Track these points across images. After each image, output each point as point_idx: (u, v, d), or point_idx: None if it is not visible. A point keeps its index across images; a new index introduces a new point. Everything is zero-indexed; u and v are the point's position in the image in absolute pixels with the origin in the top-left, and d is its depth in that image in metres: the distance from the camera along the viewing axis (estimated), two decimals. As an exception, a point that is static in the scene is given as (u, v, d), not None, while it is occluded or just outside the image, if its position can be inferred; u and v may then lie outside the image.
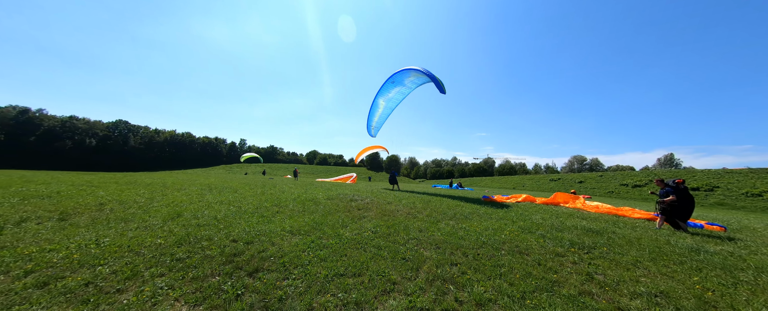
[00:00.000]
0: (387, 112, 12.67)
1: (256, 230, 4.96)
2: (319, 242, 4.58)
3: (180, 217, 5.59)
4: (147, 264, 3.44)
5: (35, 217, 5.00)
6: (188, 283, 3.07)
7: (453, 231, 5.56)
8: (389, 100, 12.20)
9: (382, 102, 12.36)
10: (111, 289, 2.87)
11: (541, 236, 5.52)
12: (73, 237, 4.16)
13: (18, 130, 64.56)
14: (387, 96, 12.05)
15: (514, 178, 60.62)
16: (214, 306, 2.71)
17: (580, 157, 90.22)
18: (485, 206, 9.22)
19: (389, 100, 12.20)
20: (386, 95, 12.02)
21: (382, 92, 11.90)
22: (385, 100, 12.27)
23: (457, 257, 4.17)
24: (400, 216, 6.88)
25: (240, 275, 3.32)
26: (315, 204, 7.75)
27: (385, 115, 12.94)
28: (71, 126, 74.08)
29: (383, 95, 12.08)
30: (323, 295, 2.99)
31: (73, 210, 5.61)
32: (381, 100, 12.34)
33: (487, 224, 6.39)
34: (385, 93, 11.93)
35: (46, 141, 67.41)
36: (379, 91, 11.95)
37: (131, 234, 4.40)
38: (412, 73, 10.42)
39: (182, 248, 3.96)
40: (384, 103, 12.42)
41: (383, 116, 12.92)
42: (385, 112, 12.68)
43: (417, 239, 4.99)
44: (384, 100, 12.24)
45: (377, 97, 12.26)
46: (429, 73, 9.79)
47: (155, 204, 6.60)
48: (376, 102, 12.42)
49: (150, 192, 8.25)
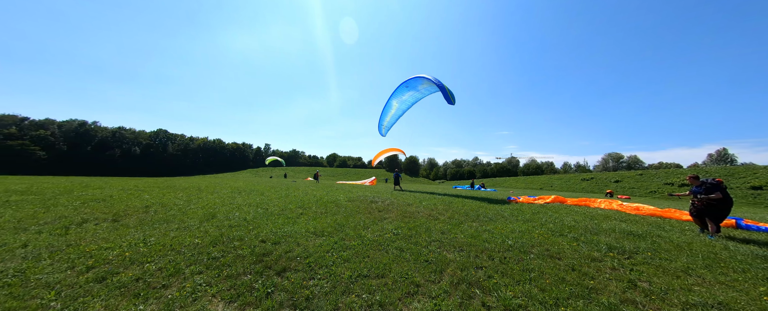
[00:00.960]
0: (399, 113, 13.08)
1: (282, 231, 5.18)
2: (342, 243, 4.67)
3: (214, 219, 5.98)
4: (187, 262, 3.72)
5: (93, 219, 5.63)
6: (223, 281, 3.28)
7: (477, 234, 5.40)
8: (402, 102, 12.59)
9: (395, 103, 12.79)
10: (157, 285, 3.15)
11: (573, 239, 5.19)
12: (125, 237, 4.61)
13: (77, 141, 73.05)
14: (400, 98, 12.44)
15: (541, 178, 57.47)
16: (247, 303, 2.86)
17: (615, 155, 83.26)
18: (510, 208, 8.84)
19: (402, 102, 12.59)
20: (400, 97, 12.40)
21: (396, 94, 12.30)
22: (398, 102, 12.68)
23: (483, 260, 4.05)
24: (421, 218, 6.82)
25: (269, 274, 3.48)
26: (336, 206, 7.92)
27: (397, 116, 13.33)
28: (120, 136, 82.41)
29: (397, 97, 12.48)
30: (348, 296, 3.04)
31: (123, 212, 6.23)
32: (394, 102, 12.77)
33: (514, 226, 6.13)
34: (399, 95, 12.32)
35: (99, 150, 75.59)
36: (393, 93, 12.32)
37: (173, 235, 4.79)
38: (424, 81, 10.80)
39: (217, 247, 4.23)
40: (397, 105, 12.85)
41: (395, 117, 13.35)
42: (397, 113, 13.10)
43: (439, 241, 4.91)
44: (397, 101, 12.67)
45: (391, 98, 12.64)
46: (439, 83, 10.15)
47: (192, 207, 7.13)
48: (390, 103, 12.85)
49: (187, 195, 8.93)
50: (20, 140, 60.59)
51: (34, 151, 61.33)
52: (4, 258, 3.65)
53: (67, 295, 2.86)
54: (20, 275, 3.22)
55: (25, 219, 5.30)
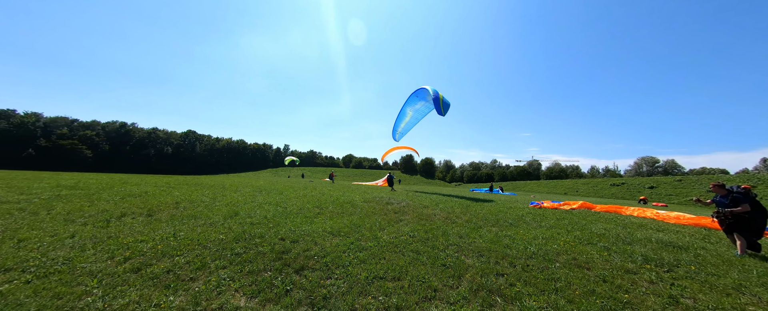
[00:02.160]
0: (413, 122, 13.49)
1: (300, 230, 5.29)
2: (358, 244, 4.68)
3: (237, 216, 6.24)
4: (212, 256, 3.90)
5: (131, 213, 6.08)
6: (245, 276, 3.40)
7: (497, 239, 5.20)
8: (416, 110, 13.03)
9: (409, 111, 13.25)
10: (186, 277, 3.32)
11: (604, 248, 4.84)
12: (157, 231, 4.93)
13: (118, 141, 79.68)
14: (414, 107, 12.88)
15: (566, 182, 54.52)
16: (267, 299, 2.94)
17: (650, 159, 77.04)
18: (532, 213, 8.45)
19: (416, 110, 13.03)
20: (413, 106, 12.87)
21: (410, 103, 12.78)
22: (412, 110, 13.12)
23: (503, 267, 3.88)
24: (437, 221, 6.70)
25: (288, 272, 3.56)
26: (352, 207, 7.98)
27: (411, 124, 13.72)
28: (154, 137, 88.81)
29: (411, 105, 12.94)
30: (365, 297, 3.03)
31: (156, 207, 6.68)
32: (409, 110, 13.22)
33: (537, 232, 5.84)
34: (412, 104, 12.79)
35: (136, 149, 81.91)
36: (407, 101, 12.81)
37: (200, 230, 5.06)
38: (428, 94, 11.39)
39: (239, 244, 4.41)
40: (411, 113, 13.31)
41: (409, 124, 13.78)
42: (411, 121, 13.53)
43: (457, 245, 4.78)
44: (411, 110, 13.12)
45: (405, 106, 13.11)
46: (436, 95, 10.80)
47: (217, 204, 7.49)
48: (404, 110, 13.31)
49: (213, 193, 9.41)
50: (70, 140, 67.15)
51: (82, 149, 67.69)
52: (56, 247, 4.03)
53: (107, 283, 3.10)
54: (68, 263, 3.53)
55: (73, 212, 5.83)
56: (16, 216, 5.38)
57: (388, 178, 17.78)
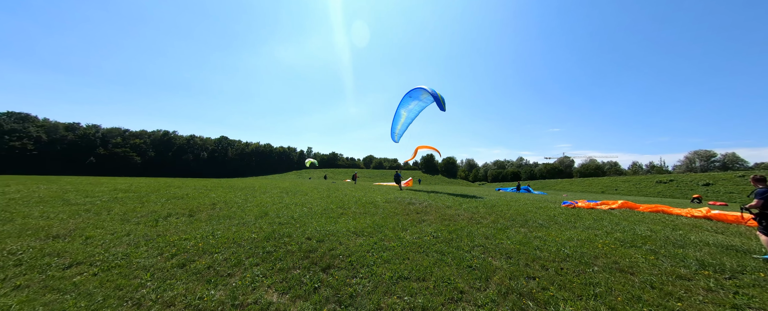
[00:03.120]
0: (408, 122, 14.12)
1: (325, 230, 5.46)
2: (381, 244, 4.72)
3: (266, 216, 6.60)
4: (246, 254, 4.17)
5: (175, 213, 6.68)
6: (276, 273, 3.58)
7: (526, 241, 4.96)
8: (409, 110, 13.60)
9: (403, 112, 13.82)
10: (224, 273, 3.59)
11: (650, 252, 4.42)
12: (198, 230, 5.37)
13: (161, 148, 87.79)
14: (407, 107, 13.45)
15: (603, 180, 50.44)
16: (297, 296, 3.08)
17: (705, 152, 68.42)
18: (565, 213, 7.94)
19: (409, 110, 13.60)
20: (406, 107, 13.40)
21: (403, 104, 13.32)
22: (406, 111, 13.71)
23: (535, 270, 3.69)
24: (461, 222, 6.54)
25: (315, 270, 3.70)
26: (375, 207, 8.06)
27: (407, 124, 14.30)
28: (192, 143, 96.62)
29: (404, 107, 13.48)
30: (390, 296, 3.06)
31: (196, 208, 7.27)
32: (403, 111, 13.77)
33: (571, 234, 5.48)
34: (405, 105, 13.32)
35: (177, 155, 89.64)
36: (400, 103, 13.36)
37: (234, 229, 5.42)
38: (423, 92, 12.00)
39: (270, 242, 4.65)
40: (405, 114, 13.88)
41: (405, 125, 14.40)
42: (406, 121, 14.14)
43: (483, 247, 4.64)
44: (405, 110, 13.70)
45: (399, 108, 13.65)
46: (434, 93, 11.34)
47: (248, 205, 7.97)
48: (399, 112, 13.91)
49: (244, 194, 10.02)
50: (123, 148, 75.26)
51: (132, 156, 75.57)
52: (115, 244, 4.55)
53: (158, 277, 3.44)
54: (126, 258, 3.97)
55: (128, 213, 6.54)
56: (83, 216, 6.15)
57: (395, 177, 18.02)
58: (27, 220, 5.64)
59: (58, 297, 2.95)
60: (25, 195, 8.14)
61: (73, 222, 5.65)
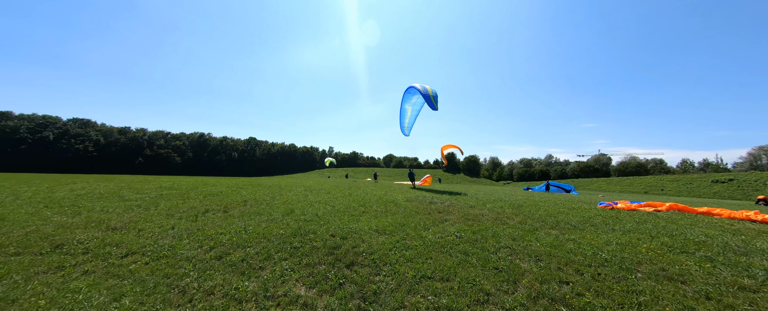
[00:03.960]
0: (414, 115, 15.13)
1: (348, 227, 5.58)
2: (403, 243, 4.73)
3: (292, 213, 6.89)
4: (275, 249, 4.39)
5: (212, 209, 7.22)
6: (303, 268, 3.74)
7: (558, 243, 4.68)
8: (413, 104, 14.57)
9: (408, 107, 14.77)
10: (256, 266, 3.82)
11: (706, 259, 3.96)
12: (232, 225, 5.76)
13: (198, 149, 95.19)
14: (410, 102, 14.39)
15: (646, 180, 45.99)
16: (323, 290, 3.19)
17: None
18: (602, 215, 7.36)
19: (413, 104, 14.57)
20: (409, 102, 14.36)
21: (405, 100, 14.31)
22: (410, 106, 14.66)
23: (568, 274, 3.48)
24: (486, 222, 6.33)
25: (340, 266, 3.80)
26: (396, 206, 8.07)
27: (414, 117, 15.28)
28: (225, 144, 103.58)
29: (407, 101, 14.47)
30: (413, 295, 3.06)
31: (229, 205, 7.79)
32: (407, 106, 14.73)
33: (609, 237, 5.07)
34: (408, 100, 14.28)
35: (211, 155, 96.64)
36: (403, 99, 14.40)
37: (264, 225, 5.73)
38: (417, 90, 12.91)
39: (297, 238, 4.86)
40: (410, 108, 14.77)
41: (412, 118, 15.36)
42: (412, 115, 15.13)
43: (510, 248, 4.46)
44: (409, 105, 14.66)
45: (402, 103, 14.69)
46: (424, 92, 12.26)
47: (276, 202, 8.38)
48: (403, 108, 14.91)
49: (272, 192, 10.55)
50: (166, 149, 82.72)
51: (174, 156, 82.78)
52: (162, 236, 5.03)
53: (199, 268, 3.75)
54: (171, 250, 4.38)
55: (172, 208, 7.19)
56: (135, 211, 6.88)
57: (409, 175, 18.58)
58: (91, 214, 6.42)
59: (117, 283, 3.34)
60: (88, 192, 9.27)
61: (127, 216, 6.34)
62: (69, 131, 70.03)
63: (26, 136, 64.04)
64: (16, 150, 61.99)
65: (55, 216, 6.14)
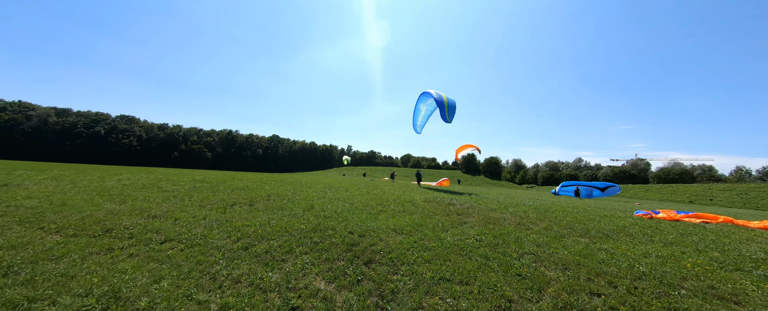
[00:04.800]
0: (427, 115, 16.60)
1: (366, 225, 5.64)
2: (421, 243, 4.69)
3: (312, 209, 7.09)
4: (296, 243, 4.55)
5: (239, 202, 7.64)
6: (323, 263, 3.84)
7: (587, 252, 4.39)
8: (427, 105, 15.87)
9: (422, 108, 16.20)
10: (279, 258, 3.98)
11: (764, 278, 3.51)
12: (257, 218, 6.06)
13: (226, 145, 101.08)
14: (425, 103, 15.81)
15: (692, 188, 41.65)
16: (342, 286, 3.26)
17: None
18: (639, 224, 6.79)
19: (427, 105, 15.87)
20: (424, 103, 15.81)
21: (421, 100, 15.72)
22: (424, 106, 16.07)
23: (600, 286, 3.25)
24: (508, 226, 6.10)
25: (358, 263, 3.85)
26: (413, 206, 8.02)
27: (426, 117, 16.68)
28: (250, 141, 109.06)
29: (422, 102, 15.84)
30: (431, 297, 3.03)
31: (254, 199, 8.20)
32: (421, 106, 16.17)
33: (647, 248, 4.67)
34: (423, 101, 15.69)
35: (238, 151, 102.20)
36: (418, 100, 15.79)
37: (286, 220, 5.96)
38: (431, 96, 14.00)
39: (317, 234, 5.00)
40: (424, 108, 16.14)
41: (425, 117, 16.77)
42: (425, 115, 16.60)
43: (534, 254, 4.26)
44: (424, 106, 16.08)
45: (417, 104, 16.11)
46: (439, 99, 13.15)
47: (297, 198, 8.68)
48: (418, 107, 16.31)
49: (293, 188, 10.93)
50: (198, 145, 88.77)
51: (205, 152, 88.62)
52: (195, 225, 5.41)
53: (227, 257, 3.99)
54: (204, 239, 4.70)
55: (203, 200, 7.71)
56: (172, 201, 7.46)
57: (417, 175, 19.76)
58: (135, 202, 7.07)
59: (157, 266, 3.65)
60: (132, 183, 10.20)
61: (165, 205, 6.89)
62: (117, 127, 77.49)
63: (82, 131, 71.84)
64: (73, 143, 69.81)
65: (106, 204, 6.83)
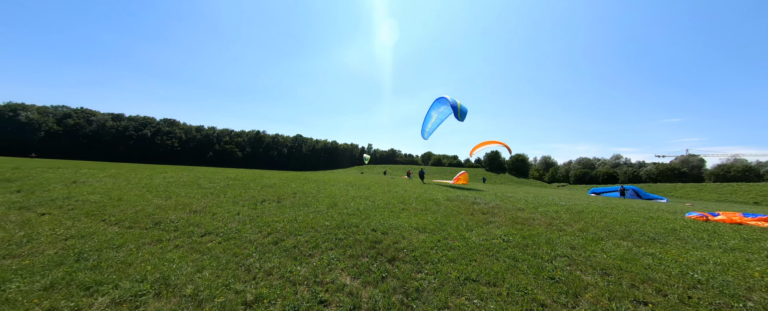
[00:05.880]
0: (438, 122, 16.50)
1: (388, 223, 5.67)
2: (445, 242, 4.62)
3: (336, 206, 7.28)
4: (322, 239, 4.71)
5: (268, 199, 8.07)
6: (348, 259, 3.94)
7: (630, 257, 4.03)
8: (440, 112, 15.86)
9: (434, 114, 16.07)
10: (306, 253, 4.15)
11: None
12: (284, 214, 6.35)
13: (255, 145, 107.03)
14: (438, 110, 15.75)
15: (757, 187, 36.40)
16: (367, 282, 3.32)
17: None
18: (693, 227, 6.10)
19: (440, 112, 15.86)
20: (437, 109, 15.75)
21: (434, 107, 15.74)
22: (436, 113, 15.95)
23: (646, 293, 2.98)
24: (537, 227, 5.79)
25: (382, 260, 3.89)
26: (436, 205, 7.90)
27: (436, 125, 16.66)
28: (277, 140, 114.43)
29: (435, 109, 15.80)
30: (458, 297, 2.97)
31: (282, 196, 8.60)
32: (433, 113, 16.06)
33: (703, 254, 4.18)
34: (436, 108, 15.72)
35: (266, 150, 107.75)
36: (431, 106, 15.81)
37: (311, 216, 6.19)
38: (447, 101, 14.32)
39: (341, 230, 5.13)
40: (436, 116, 16.07)
41: (435, 125, 16.68)
42: (436, 122, 16.53)
43: (568, 257, 4.00)
44: (436, 113, 15.97)
45: (430, 110, 16.02)
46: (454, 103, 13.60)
47: (320, 195, 8.96)
48: (430, 113, 16.21)
49: (317, 186, 11.30)
50: (230, 145, 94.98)
51: (236, 152, 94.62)
52: (230, 220, 5.81)
53: (259, 250, 4.24)
54: (238, 233, 5.03)
55: (237, 197, 8.25)
56: (210, 197, 8.07)
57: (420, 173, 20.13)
58: (178, 198, 7.75)
59: (199, 257, 3.98)
60: (176, 180, 11.20)
61: (204, 201, 7.48)
62: (161, 129, 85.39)
63: (133, 134, 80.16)
64: (126, 144, 78.15)
65: (154, 199, 7.57)
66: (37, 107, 75.18)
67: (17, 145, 63.11)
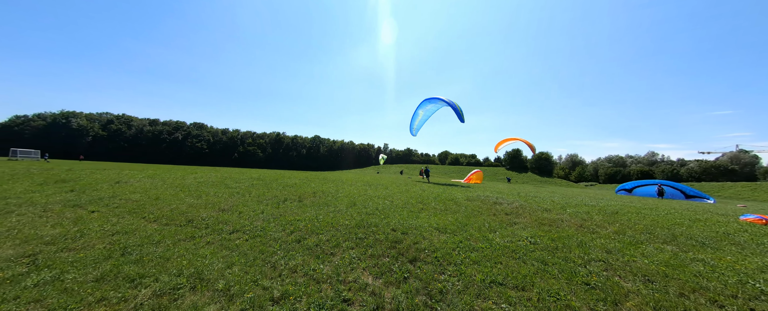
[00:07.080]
0: (424, 119, 17.54)
1: (408, 223, 5.61)
2: (467, 243, 4.49)
3: (355, 206, 7.34)
4: (343, 238, 4.76)
5: (290, 198, 8.32)
6: (369, 258, 3.94)
7: (677, 263, 3.68)
8: (427, 110, 16.71)
9: (421, 112, 16.91)
10: (328, 252, 4.21)
11: None
12: (306, 213, 6.51)
13: (276, 146, 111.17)
14: (425, 108, 16.56)
15: (828, 184, 31.96)
16: (389, 282, 3.30)
17: None
18: (750, 231, 5.47)
19: (427, 110, 16.71)
20: (424, 107, 16.54)
21: (422, 105, 16.50)
22: (423, 111, 16.78)
23: (698, 304, 2.70)
24: (567, 228, 5.46)
25: (403, 261, 3.86)
26: (456, 205, 7.72)
27: (423, 121, 17.69)
28: (296, 141, 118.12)
29: (422, 107, 16.57)
30: (484, 301, 2.87)
31: (303, 195, 8.83)
32: (420, 111, 16.84)
33: (765, 261, 3.72)
34: (423, 106, 16.52)
35: (286, 151, 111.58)
36: (420, 105, 16.52)
37: (332, 215, 6.29)
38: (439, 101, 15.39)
39: (361, 230, 5.16)
40: (422, 113, 16.94)
41: (422, 121, 17.62)
42: (423, 119, 17.49)
43: (604, 262, 3.73)
44: (423, 110, 16.75)
45: (418, 108, 16.77)
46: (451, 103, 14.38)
47: (340, 195, 9.08)
48: (417, 112, 17.04)
49: (336, 186, 11.48)
50: (253, 146, 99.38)
51: (258, 153, 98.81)
52: (256, 219, 6.05)
53: (283, 248, 4.37)
54: (263, 231, 5.23)
55: (260, 196, 8.59)
56: (236, 196, 8.47)
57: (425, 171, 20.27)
58: (208, 197, 8.21)
59: (229, 253, 4.17)
60: (205, 180, 11.88)
61: (231, 200, 7.86)
62: (191, 133, 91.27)
63: (166, 137, 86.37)
64: (160, 147, 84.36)
65: (187, 198, 8.08)
66: (85, 114, 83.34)
67: (70, 149, 70.49)
